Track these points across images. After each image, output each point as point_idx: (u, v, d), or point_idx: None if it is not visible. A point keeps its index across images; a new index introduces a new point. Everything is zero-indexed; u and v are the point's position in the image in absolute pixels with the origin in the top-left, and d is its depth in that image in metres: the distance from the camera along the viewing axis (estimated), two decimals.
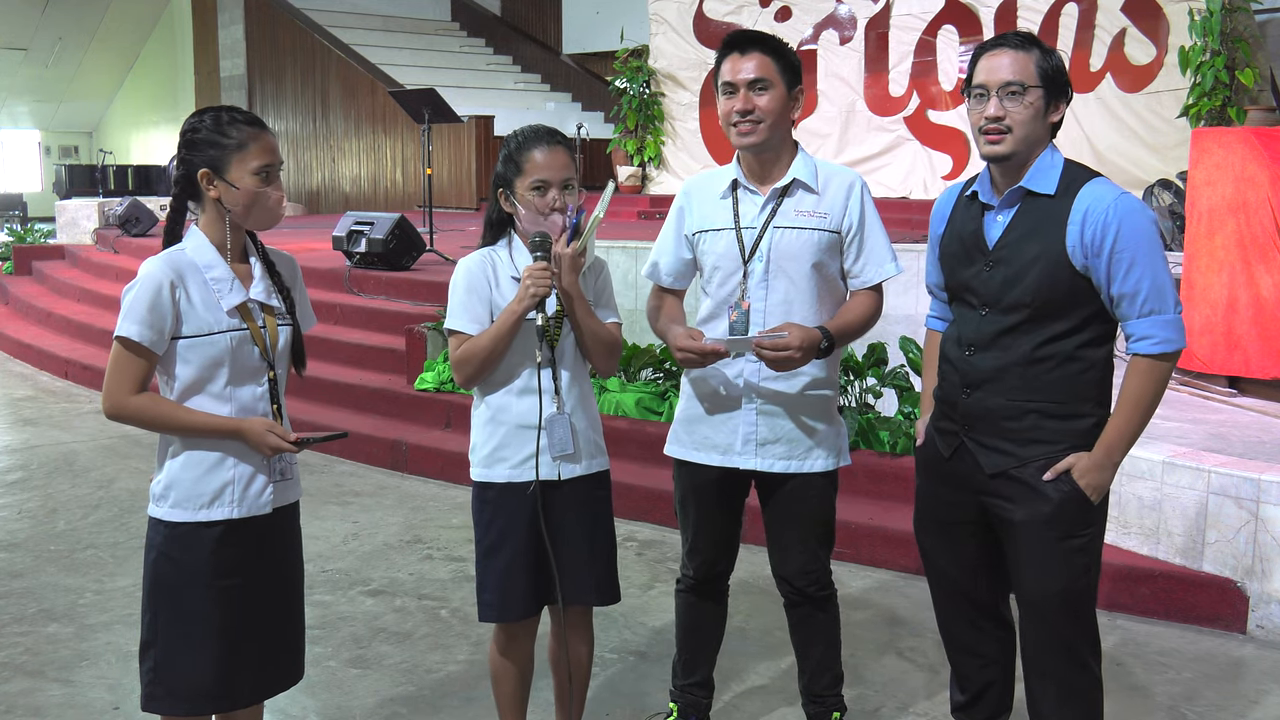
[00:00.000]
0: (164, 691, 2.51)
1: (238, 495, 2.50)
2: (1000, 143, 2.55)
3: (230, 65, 18.26)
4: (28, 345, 9.69)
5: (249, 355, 2.50)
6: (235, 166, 2.42)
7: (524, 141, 2.76)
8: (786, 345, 2.72)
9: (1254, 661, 3.88)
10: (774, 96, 2.82)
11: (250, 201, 2.44)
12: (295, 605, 2.69)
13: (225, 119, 2.45)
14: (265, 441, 2.46)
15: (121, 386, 2.41)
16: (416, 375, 6.85)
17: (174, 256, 2.47)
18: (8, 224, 18.39)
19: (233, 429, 2.46)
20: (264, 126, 2.48)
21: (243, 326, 2.49)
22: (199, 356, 2.44)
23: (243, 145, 2.42)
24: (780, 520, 3.02)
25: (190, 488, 2.47)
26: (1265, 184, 5.15)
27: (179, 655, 2.49)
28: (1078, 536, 2.60)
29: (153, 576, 2.50)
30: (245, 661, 2.54)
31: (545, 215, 2.72)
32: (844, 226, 2.89)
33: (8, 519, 5.42)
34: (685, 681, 3.22)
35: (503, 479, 2.81)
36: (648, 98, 12.31)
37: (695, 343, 2.80)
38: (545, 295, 2.67)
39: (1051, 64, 2.55)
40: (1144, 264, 2.49)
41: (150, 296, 2.39)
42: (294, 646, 2.69)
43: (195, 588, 2.47)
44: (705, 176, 3.07)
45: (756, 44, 2.85)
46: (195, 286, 2.44)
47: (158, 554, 2.49)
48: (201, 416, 2.45)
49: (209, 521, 2.47)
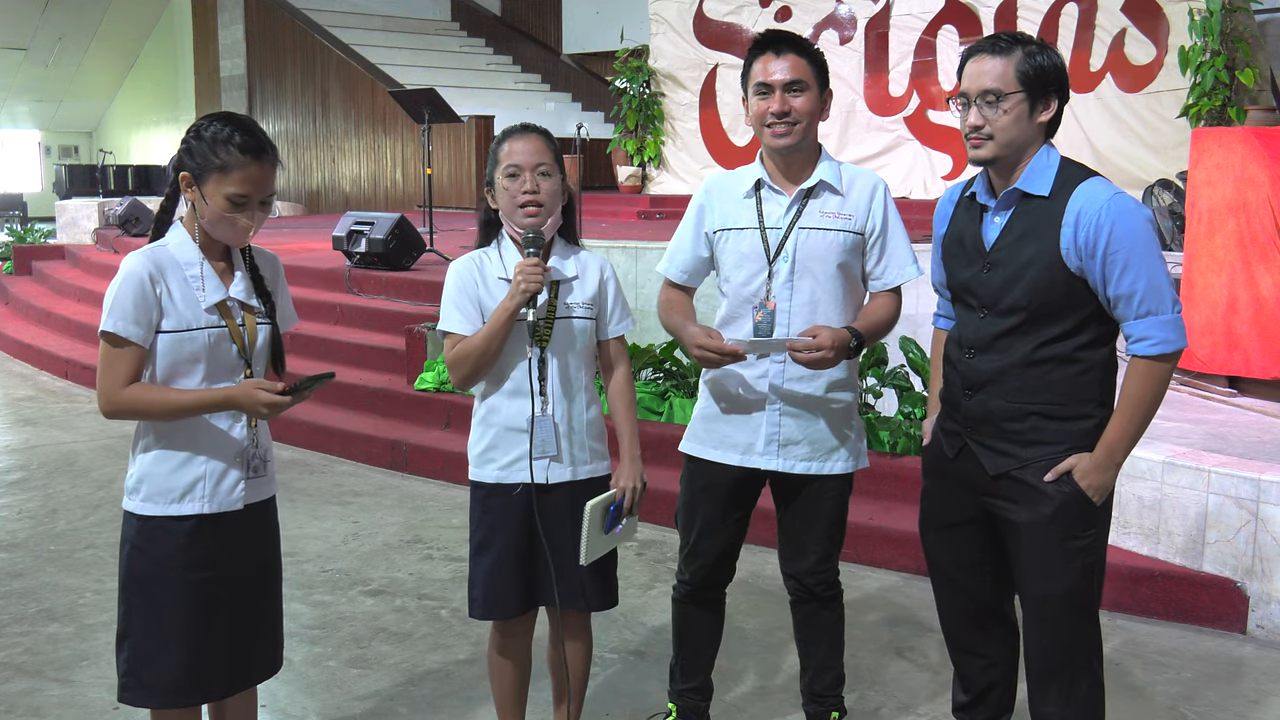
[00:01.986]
0: (136, 683, 2.53)
1: (209, 491, 2.51)
2: (981, 148, 2.56)
3: (230, 65, 18.26)
4: (28, 345, 9.69)
5: (227, 353, 2.51)
6: (212, 184, 2.43)
7: (501, 136, 2.82)
8: (820, 345, 2.72)
9: (1254, 661, 3.88)
10: (809, 98, 2.82)
11: (216, 220, 2.45)
12: (270, 599, 2.69)
13: (223, 137, 2.42)
14: (257, 400, 2.44)
15: (113, 382, 2.43)
16: (416, 375, 6.84)
17: (155, 252, 2.49)
18: (8, 224, 18.39)
19: (223, 398, 2.45)
20: (259, 156, 2.43)
21: (221, 324, 2.50)
22: (177, 351, 2.46)
23: (225, 169, 2.41)
24: (796, 520, 3.02)
25: (161, 482, 2.49)
26: (1265, 184, 5.15)
27: (151, 648, 2.50)
28: (1080, 538, 2.60)
29: (126, 569, 2.53)
30: (218, 655, 2.55)
31: (518, 202, 2.73)
32: (867, 228, 2.90)
33: (8, 519, 5.42)
34: (683, 686, 3.21)
35: (492, 479, 2.83)
36: (648, 98, 12.31)
37: (715, 342, 2.79)
38: (536, 291, 2.67)
39: (1035, 65, 2.53)
40: (1139, 264, 2.48)
41: (134, 291, 2.42)
42: (270, 639, 2.69)
43: (167, 581, 2.49)
44: (727, 175, 3.06)
45: (791, 45, 2.84)
46: (175, 282, 2.46)
47: (130, 547, 2.52)
48: (193, 394, 2.46)
49: (180, 516, 2.49)
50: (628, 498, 2.85)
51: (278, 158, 2.50)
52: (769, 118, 2.82)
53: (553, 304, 2.79)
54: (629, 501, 2.85)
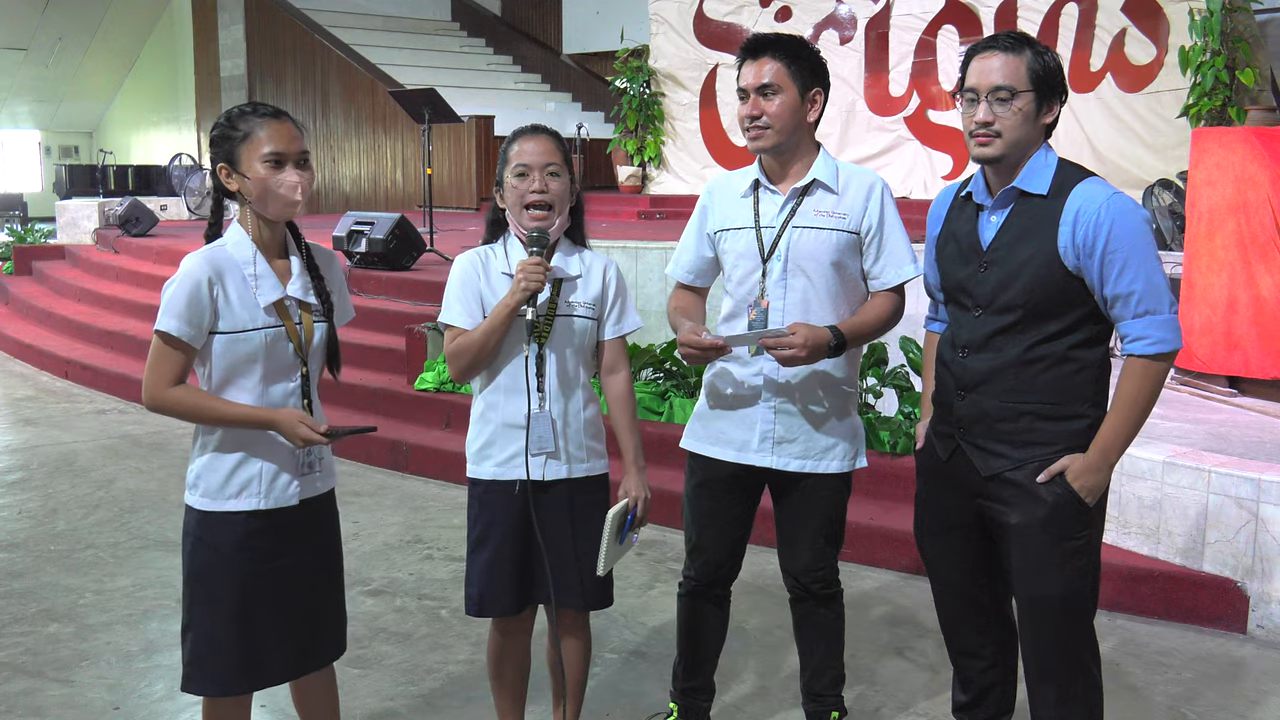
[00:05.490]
0: (199, 673, 2.58)
1: (264, 489, 2.55)
2: (989, 145, 2.55)
3: (230, 65, 18.26)
4: (28, 345, 9.68)
5: (284, 352, 2.55)
6: (245, 157, 2.48)
7: (512, 136, 2.84)
8: (790, 343, 2.73)
9: (1254, 661, 3.88)
10: (782, 102, 2.83)
11: (262, 190, 2.48)
12: (332, 588, 2.73)
13: (236, 113, 2.51)
14: (296, 433, 2.50)
15: (161, 379, 2.48)
16: (416, 375, 6.85)
17: (214, 253, 2.52)
18: (8, 224, 18.37)
19: (266, 419, 2.50)
20: (279, 115, 2.50)
21: (278, 324, 2.53)
22: (234, 352, 2.50)
23: (249, 135, 2.47)
24: (792, 518, 3.03)
25: (218, 479, 2.54)
26: (1265, 184, 5.15)
27: (212, 638, 2.56)
28: (1074, 539, 2.60)
29: (189, 562, 2.58)
30: (275, 643, 2.60)
31: (526, 201, 2.75)
32: (863, 227, 2.90)
33: (8, 519, 5.42)
34: (686, 685, 3.22)
35: (489, 475, 2.84)
36: (648, 98, 12.30)
37: (696, 337, 2.82)
38: (537, 290, 2.69)
39: (1044, 65, 2.53)
40: (1137, 264, 2.48)
41: (189, 292, 2.45)
42: (334, 624, 2.75)
43: (226, 573, 2.54)
44: (728, 176, 3.08)
45: (769, 48, 2.85)
46: (234, 283, 2.49)
47: (193, 540, 2.57)
48: (237, 408, 2.50)
49: (236, 511, 2.54)
50: (641, 507, 2.87)
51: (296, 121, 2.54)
52: (745, 121, 2.87)
53: (554, 302, 2.80)
54: (642, 510, 2.88)
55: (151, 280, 9.86)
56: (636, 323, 2.97)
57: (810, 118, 2.89)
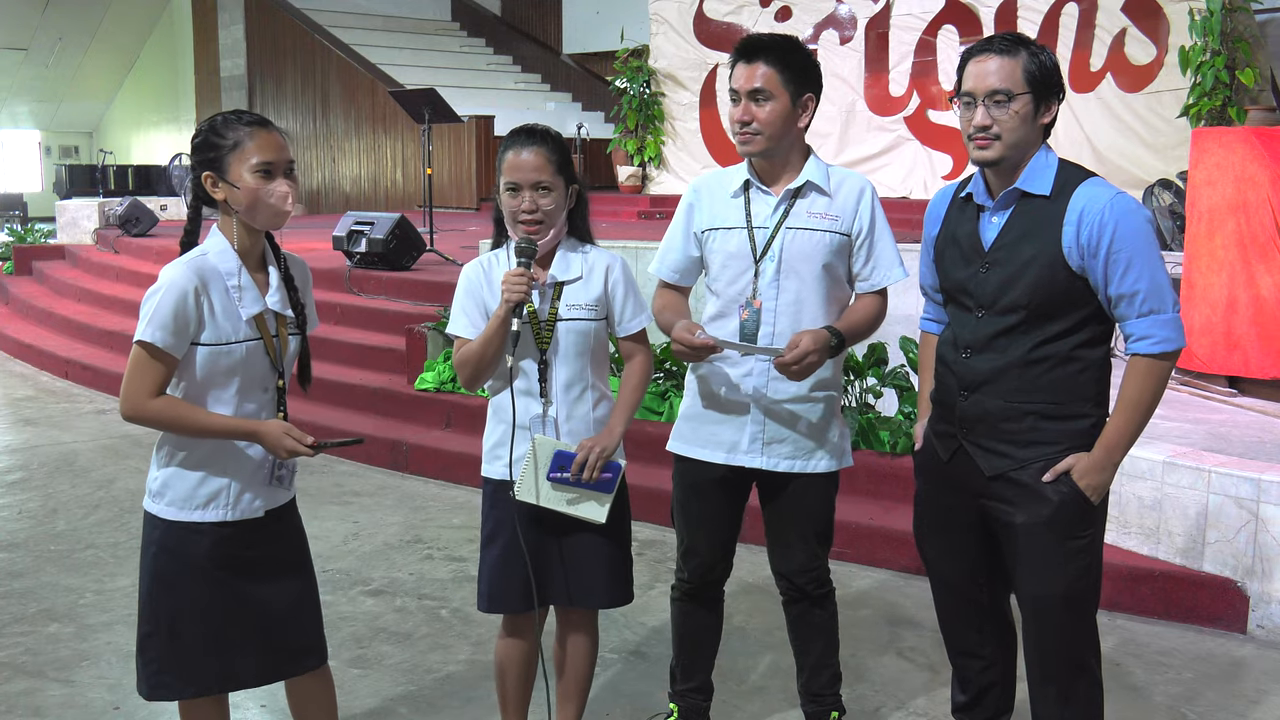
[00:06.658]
0: (170, 679, 2.55)
1: (231, 500, 2.54)
2: (988, 148, 2.55)
3: (230, 65, 18.26)
4: (28, 345, 9.68)
5: (260, 363, 2.53)
6: (234, 166, 2.44)
7: (505, 143, 2.81)
8: (805, 351, 2.73)
9: (1254, 661, 3.88)
10: (773, 108, 2.83)
11: (252, 200, 2.45)
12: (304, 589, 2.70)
13: (221, 121, 2.47)
14: (282, 444, 2.48)
15: (141, 390, 2.43)
16: (416, 375, 6.85)
17: (198, 262, 2.47)
18: (8, 224, 18.37)
19: (250, 430, 2.48)
20: (266, 125, 2.48)
21: (257, 336, 2.51)
22: (215, 364, 2.47)
23: (239, 144, 2.44)
24: (781, 519, 3.03)
25: (185, 489, 2.52)
26: (1265, 184, 5.15)
27: (180, 643, 2.53)
28: (1078, 538, 2.60)
29: (151, 570, 2.54)
30: (246, 647, 2.58)
31: (517, 218, 2.75)
32: (854, 230, 2.91)
33: (8, 519, 5.42)
34: (683, 687, 3.22)
35: (498, 475, 2.86)
36: (648, 98, 12.31)
37: (690, 336, 2.81)
38: (520, 301, 2.68)
39: (1040, 65, 2.53)
40: (1141, 264, 2.48)
41: (175, 303, 2.41)
42: (307, 628, 2.70)
43: (193, 580, 2.52)
44: (715, 175, 3.08)
45: (762, 53, 2.85)
46: (218, 294, 2.46)
47: (156, 548, 2.53)
48: (220, 419, 2.47)
49: (202, 522, 2.51)
50: (582, 454, 2.76)
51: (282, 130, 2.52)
52: (736, 125, 2.88)
53: (554, 307, 2.80)
54: (582, 458, 2.76)
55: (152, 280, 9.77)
56: (645, 320, 2.94)
57: (801, 123, 2.89)
